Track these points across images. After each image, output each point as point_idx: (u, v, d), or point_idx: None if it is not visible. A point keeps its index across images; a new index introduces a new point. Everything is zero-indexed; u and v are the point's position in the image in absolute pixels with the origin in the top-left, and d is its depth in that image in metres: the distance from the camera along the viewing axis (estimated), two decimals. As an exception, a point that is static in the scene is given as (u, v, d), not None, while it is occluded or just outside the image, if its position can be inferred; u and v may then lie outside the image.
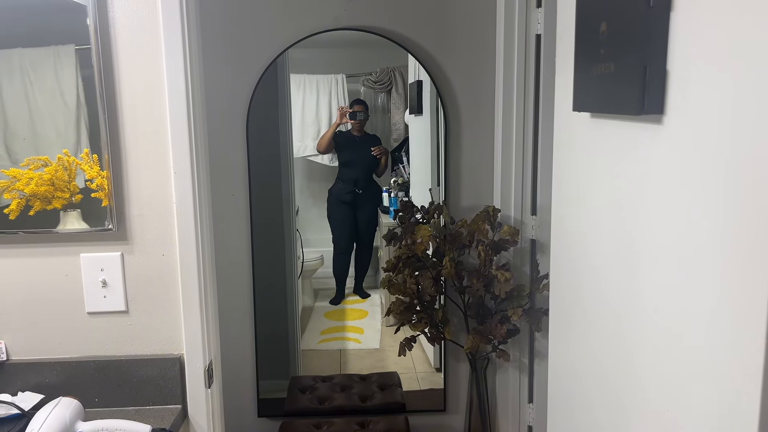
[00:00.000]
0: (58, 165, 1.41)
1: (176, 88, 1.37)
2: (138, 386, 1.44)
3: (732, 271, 0.75)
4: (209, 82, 2.07)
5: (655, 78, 0.89)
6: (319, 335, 2.90)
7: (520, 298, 2.09)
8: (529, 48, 2.14)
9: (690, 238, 0.84)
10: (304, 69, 2.81)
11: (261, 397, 2.44)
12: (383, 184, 2.92)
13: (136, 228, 1.42)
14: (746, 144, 0.71)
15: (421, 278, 2.12)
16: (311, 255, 3.04)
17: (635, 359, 1.02)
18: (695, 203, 0.82)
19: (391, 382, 2.54)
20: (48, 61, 1.39)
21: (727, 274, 0.76)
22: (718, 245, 0.78)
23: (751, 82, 0.70)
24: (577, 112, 1.20)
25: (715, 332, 0.79)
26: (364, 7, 2.20)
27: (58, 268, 1.43)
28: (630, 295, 1.03)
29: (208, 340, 1.46)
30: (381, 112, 2.92)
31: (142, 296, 1.44)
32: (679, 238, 0.87)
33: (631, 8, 0.92)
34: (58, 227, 1.42)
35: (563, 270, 1.39)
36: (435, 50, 2.24)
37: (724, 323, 0.77)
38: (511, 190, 2.22)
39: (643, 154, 0.97)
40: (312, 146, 2.91)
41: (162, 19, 1.35)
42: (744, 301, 0.72)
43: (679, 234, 0.87)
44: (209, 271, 1.48)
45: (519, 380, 2.33)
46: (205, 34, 2.10)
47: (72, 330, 1.45)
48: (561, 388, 1.43)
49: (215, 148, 2.20)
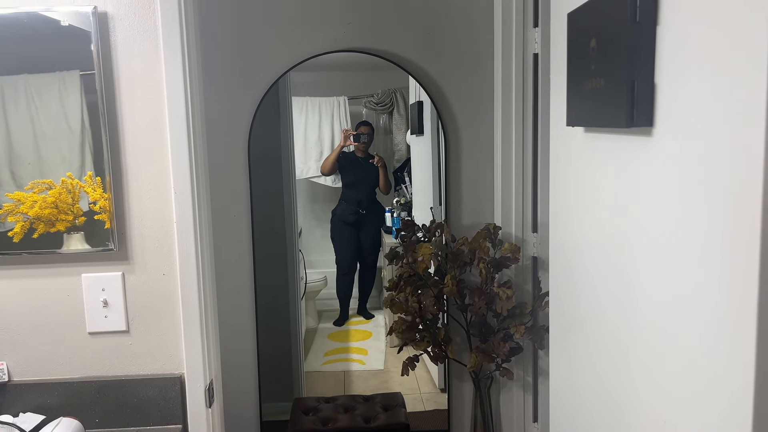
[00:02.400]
0: (62, 188, 1.43)
1: (177, 110, 1.39)
2: (138, 406, 1.44)
3: (724, 282, 0.75)
4: (210, 104, 2.10)
5: (643, 91, 0.90)
6: (323, 357, 2.89)
7: (522, 316, 2.09)
8: (527, 67, 2.16)
9: (681, 250, 0.85)
10: (306, 92, 2.85)
11: (264, 419, 2.42)
12: (386, 205, 2.94)
13: (137, 248, 1.44)
14: (733, 154, 0.72)
15: (422, 296, 2.12)
16: (314, 276, 3.04)
17: (634, 374, 1.01)
18: (685, 215, 0.83)
19: (395, 403, 2.53)
20: (53, 86, 1.42)
21: (719, 286, 0.76)
22: (709, 257, 0.78)
23: (735, 93, 0.71)
24: (571, 127, 1.21)
25: (710, 345, 0.79)
26: (364, 29, 2.24)
27: (59, 289, 1.44)
28: (626, 309, 1.03)
29: (208, 359, 1.47)
30: (383, 133, 2.94)
31: (143, 316, 1.45)
32: (670, 250, 0.87)
33: (619, 24, 0.94)
34: (62, 249, 1.43)
35: (562, 285, 1.39)
36: (434, 71, 2.26)
37: (719, 336, 0.77)
38: (512, 208, 2.23)
39: (634, 166, 0.97)
40: (315, 168, 2.94)
41: (162, 42, 1.37)
42: (736, 314, 0.73)
43: (670, 246, 0.88)
44: (209, 291, 1.49)
45: (523, 399, 2.32)
46: (206, 56, 2.13)
47: (73, 350, 1.46)
48: (562, 405, 1.42)
49: (217, 170, 2.22)
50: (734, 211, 0.72)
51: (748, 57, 0.69)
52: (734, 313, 0.73)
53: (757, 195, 0.68)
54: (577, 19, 1.13)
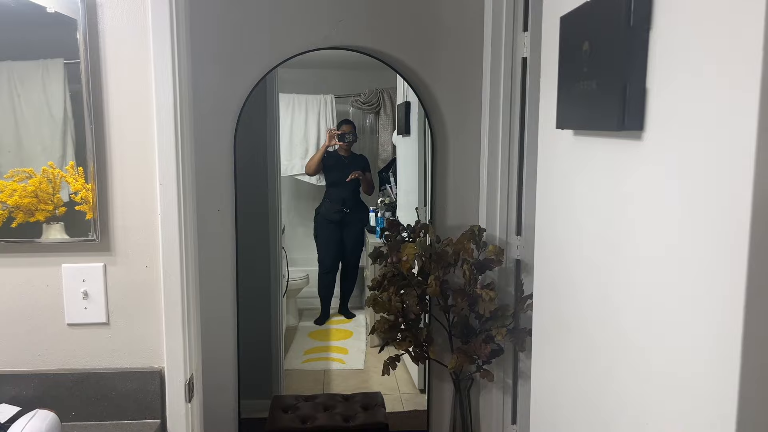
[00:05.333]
0: (42, 177, 1.40)
1: (164, 101, 1.37)
2: (117, 400, 1.42)
3: (711, 288, 0.76)
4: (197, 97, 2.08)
5: (634, 95, 0.91)
6: (303, 355, 2.88)
7: (504, 318, 2.10)
8: (516, 71, 2.17)
9: (668, 254, 0.85)
10: (293, 89, 2.84)
11: (242, 416, 2.40)
12: (370, 204, 2.93)
13: (119, 239, 1.42)
14: (723, 159, 0.73)
15: (406, 296, 2.12)
16: (296, 274, 3.03)
17: (615, 378, 1.02)
18: (674, 219, 0.84)
19: (375, 403, 2.52)
20: (36, 74, 1.39)
21: (705, 292, 0.77)
22: (697, 262, 0.79)
23: (726, 99, 0.72)
24: (561, 130, 1.22)
25: (693, 350, 0.80)
26: (354, 27, 2.23)
27: (38, 279, 1.42)
28: (609, 314, 1.04)
29: (189, 353, 1.45)
30: (369, 133, 2.94)
31: (124, 308, 1.43)
32: (657, 254, 0.88)
33: (612, 28, 0.94)
34: (41, 238, 1.41)
35: (545, 288, 1.40)
36: (423, 72, 2.27)
37: (702, 341, 0.77)
38: (497, 210, 2.24)
39: (624, 169, 0.98)
40: (300, 165, 2.92)
41: (152, 32, 1.36)
42: (722, 318, 0.73)
43: (657, 250, 0.88)
44: (192, 284, 1.47)
45: (503, 401, 2.33)
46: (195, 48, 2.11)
47: (51, 342, 1.43)
48: (543, 407, 1.42)
49: (202, 163, 2.20)
50: (724, 216, 0.73)
51: (740, 62, 0.70)
52: (720, 317, 0.74)
53: (747, 200, 0.68)
54: (570, 22, 1.14)
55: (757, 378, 0.71)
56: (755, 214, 0.68)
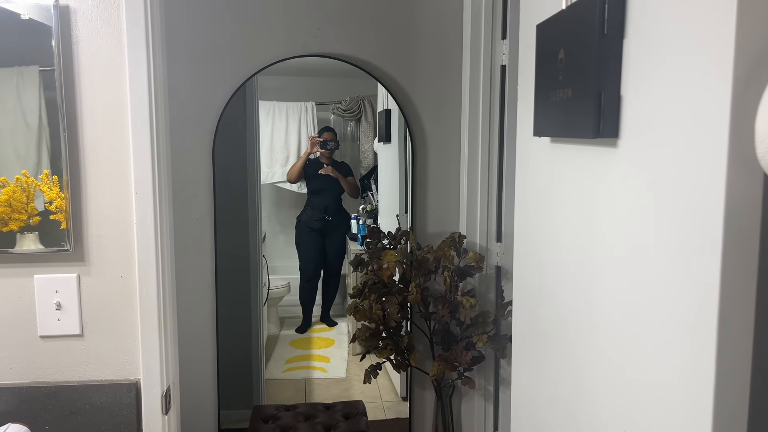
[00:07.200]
0: (16, 186, 1.38)
1: (140, 110, 1.36)
2: (91, 413, 1.39)
3: (686, 294, 0.76)
4: (175, 104, 2.07)
5: (609, 103, 0.92)
6: (284, 364, 2.85)
7: (485, 325, 2.10)
8: (495, 78, 2.18)
9: (643, 260, 0.86)
10: (273, 96, 2.83)
11: (222, 427, 2.38)
12: (352, 212, 2.93)
13: (93, 249, 1.39)
14: (696, 166, 0.74)
15: (387, 304, 2.12)
16: (277, 282, 3.01)
17: (593, 385, 1.02)
18: (648, 225, 0.84)
19: (356, 411, 2.51)
20: (11, 81, 1.37)
21: (681, 298, 0.77)
22: (671, 268, 0.79)
23: (699, 106, 0.73)
24: (538, 137, 1.22)
25: (670, 356, 0.80)
26: (334, 35, 2.23)
27: (10, 290, 1.39)
28: (587, 320, 1.04)
29: (166, 365, 1.43)
30: (350, 140, 2.94)
31: (99, 319, 1.41)
32: (632, 260, 0.88)
33: (587, 36, 0.95)
34: (14, 249, 1.38)
35: (525, 295, 1.40)
36: (403, 80, 2.27)
37: (679, 347, 0.78)
38: (477, 217, 2.24)
39: (599, 177, 0.99)
40: (280, 173, 2.91)
41: (127, 39, 1.34)
42: (698, 324, 0.74)
43: (632, 256, 0.89)
44: (169, 295, 1.45)
45: (484, 408, 2.32)
46: (173, 55, 2.09)
47: (23, 354, 1.40)
48: (523, 414, 1.42)
49: (180, 172, 2.18)
50: (695, 221, 0.73)
51: (712, 70, 0.70)
52: (696, 323, 0.74)
53: (719, 206, 0.69)
54: (546, 30, 1.14)
55: (732, 380, 0.71)
56: (727, 222, 0.69)
